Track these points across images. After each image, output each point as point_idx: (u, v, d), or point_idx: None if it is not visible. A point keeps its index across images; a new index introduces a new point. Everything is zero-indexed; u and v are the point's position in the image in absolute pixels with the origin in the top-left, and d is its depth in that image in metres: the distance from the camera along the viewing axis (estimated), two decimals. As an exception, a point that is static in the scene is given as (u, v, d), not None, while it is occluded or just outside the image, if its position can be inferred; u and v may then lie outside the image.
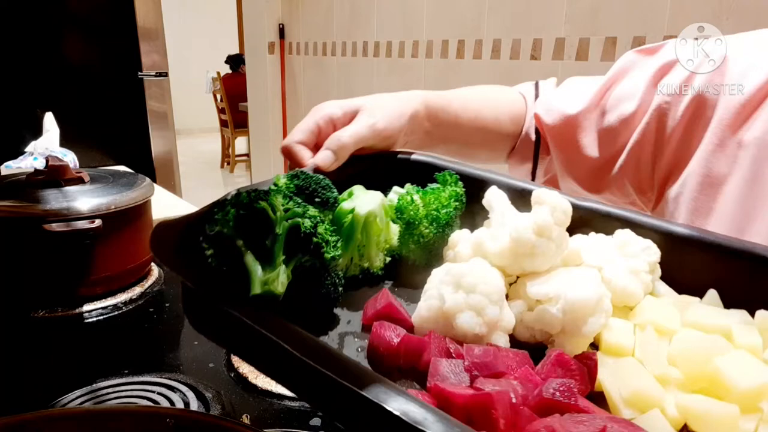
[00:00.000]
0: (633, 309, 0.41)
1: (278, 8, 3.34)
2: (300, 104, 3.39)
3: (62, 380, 0.63)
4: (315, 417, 0.58)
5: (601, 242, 0.45)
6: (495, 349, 0.35)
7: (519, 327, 0.39)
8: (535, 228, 0.40)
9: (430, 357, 0.35)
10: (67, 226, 0.78)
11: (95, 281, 0.83)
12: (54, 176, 0.86)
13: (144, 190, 0.89)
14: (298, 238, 0.38)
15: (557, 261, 0.42)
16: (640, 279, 0.41)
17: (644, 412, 0.33)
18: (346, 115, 0.58)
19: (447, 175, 0.51)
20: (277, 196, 0.38)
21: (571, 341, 0.37)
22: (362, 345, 0.39)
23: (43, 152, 1.39)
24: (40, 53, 2.48)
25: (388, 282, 0.48)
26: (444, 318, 0.38)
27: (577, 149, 0.71)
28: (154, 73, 2.75)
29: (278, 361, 0.30)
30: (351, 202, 0.47)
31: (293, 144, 0.56)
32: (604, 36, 1.76)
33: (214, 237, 0.35)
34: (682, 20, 1.55)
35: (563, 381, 0.31)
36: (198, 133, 7.77)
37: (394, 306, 0.40)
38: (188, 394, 0.60)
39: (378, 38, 2.69)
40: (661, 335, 0.38)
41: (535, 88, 0.78)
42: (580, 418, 0.29)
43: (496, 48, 2.11)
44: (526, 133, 0.76)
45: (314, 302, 0.41)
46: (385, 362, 0.36)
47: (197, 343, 0.72)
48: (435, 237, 0.48)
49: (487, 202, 0.46)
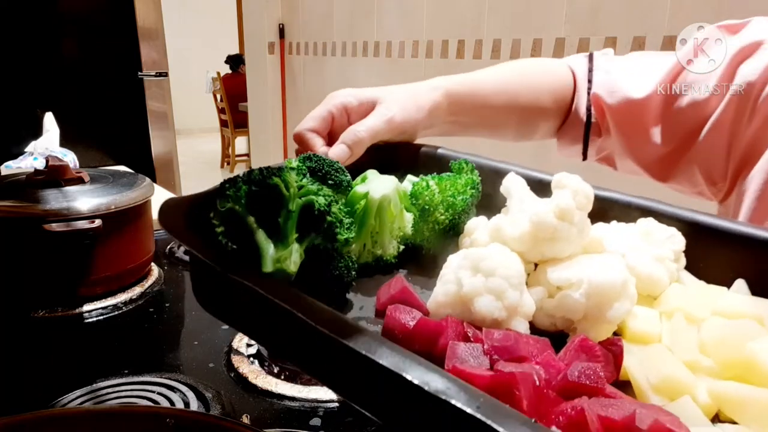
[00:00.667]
0: (657, 298, 0.40)
1: (278, 8, 3.34)
2: (300, 104, 3.39)
3: (62, 380, 0.62)
4: (315, 417, 0.58)
5: (623, 230, 0.43)
6: (515, 334, 0.34)
7: (539, 314, 0.38)
8: (556, 211, 0.38)
9: (447, 341, 0.33)
10: (67, 226, 0.78)
11: (95, 281, 0.83)
12: (54, 176, 0.86)
13: (144, 190, 0.89)
14: (312, 217, 0.37)
15: (578, 248, 0.40)
16: (665, 266, 0.40)
17: (674, 399, 0.32)
18: (362, 105, 0.56)
19: (463, 163, 0.50)
20: (290, 173, 0.37)
21: (595, 328, 0.36)
22: (376, 330, 0.38)
23: (43, 152, 1.39)
24: (40, 53, 2.48)
25: (402, 271, 0.47)
26: (462, 302, 0.36)
27: (644, 135, 0.66)
28: (154, 73, 2.75)
29: (293, 335, 0.29)
30: (365, 186, 0.46)
31: (305, 131, 0.55)
32: (604, 36, 1.76)
33: (225, 214, 0.34)
34: (682, 20, 1.55)
35: (589, 365, 0.30)
36: (198, 133, 7.77)
37: (408, 291, 0.39)
38: (188, 394, 0.60)
39: (378, 38, 2.69)
40: (690, 323, 0.36)
41: (588, 61, 0.72)
42: (607, 401, 0.28)
43: (496, 48, 2.11)
44: (575, 111, 0.71)
45: (327, 284, 0.40)
46: (400, 346, 0.35)
47: (197, 343, 0.72)
48: (450, 224, 0.47)
49: (505, 188, 0.45)
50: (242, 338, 0.71)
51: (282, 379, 0.63)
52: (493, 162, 0.53)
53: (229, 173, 6.03)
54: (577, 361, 0.32)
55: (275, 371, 0.65)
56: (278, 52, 3.40)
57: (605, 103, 0.68)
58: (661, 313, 0.38)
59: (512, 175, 0.45)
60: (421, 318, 0.35)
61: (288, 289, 0.30)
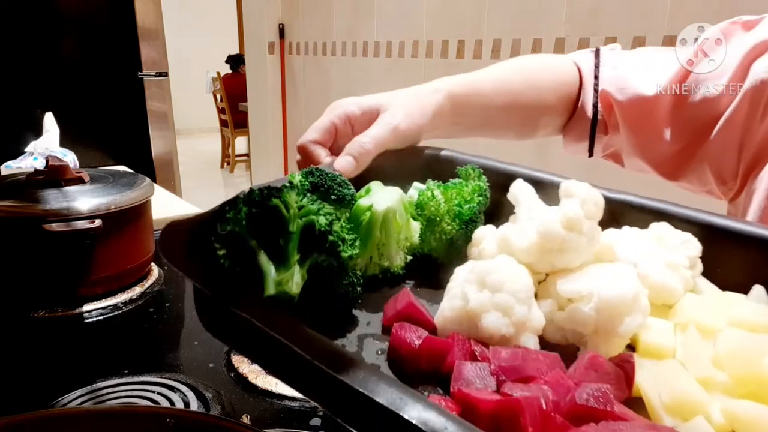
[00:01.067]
0: (672, 308, 0.39)
1: (278, 8, 3.34)
2: (300, 104, 3.39)
3: (62, 380, 0.62)
4: (315, 417, 0.58)
5: (636, 236, 0.42)
6: (524, 351, 0.33)
7: (549, 328, 0.37)
8: (564, 221, 0.37)
9: (453, 360, 0.33)
10: (67, 226, 0.78)
11: (95, 281, 0.83)
12: (54, 176, 0.86)
13: (144, 190, 0.89)
14: (313, 237, 0.36)
15: (589, 257, 0.39)
16: (679, 274, 0.38)
17: (687, 419, 0.30)
18: (365, 114, 0.56)
19: (470, 169, 0.49)
20: (290, 193, 0.36)
21: (606, 342, 0.35)
22: (382, 347, 0.37)
23: (43, 152, 1.39)
24: (40, 53, 2.48)
25: (409, 282, 0.47)
26: (468, 319, 0.36)
27: (654, 133, 0.65)
28: (154, 73, 2.75)
29: (293, 366, 0.29)
30: (368, 198, 0.45)
31: (308, 143, 0.55)
32: (604, 36, 1.76)
33: (226, 236, 0.34)
34: (682, 20, 1.55)
35: (598, 386, 0.29)
36: (198, 133, 7.77)
37: (415, 306, 0.38)
38: (188, 394, 0.60)
39: (378, 38, 2.69)
40: (705, 335, 0.35)
41: (594, 57, 0.71)
42: (617, 426, 0.27)
43: (496, 48, 2.11)
44: (581, 108, 0.70)
45: (332, 303, 0.39)
46: (406, 365, 0.35)
47: (197, 343, 0.72)
48: (458, 234, 0.46)
49: (512, 196, 0.44)
50: (242, 338, 0.71)
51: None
52: (501, 164, 0.52)
53: (229, 173, 6.03)
54: (587, 379, 0.31)
55: (275, 371, 0.65)
56: (278, 52, 3.41)
57: (614, 100, 0.67)
58: (676, 325, 0.37)
59: (520, 182, 0.44)
60: (427, 337, 0.35)
61: (286, 320, 0.30)
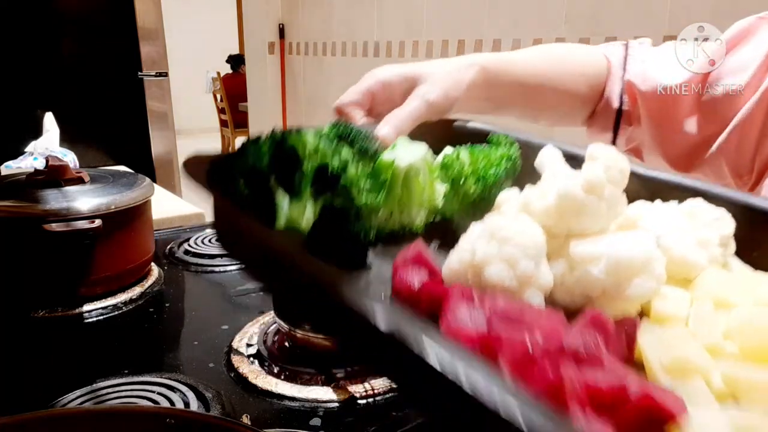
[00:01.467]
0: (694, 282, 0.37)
1: (278, 8, 3.34)
2: (300, 104, 3.39)
3: (62, 380, 0.62)
4: (315, 417, 0.58)
5: (666, 210, 0.40)
6: (525, 305, 0.32)
7: (559, 290, 0.36)
8: (584, 184, 0.36)
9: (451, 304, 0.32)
10: (67, 226, 0.78)
11: (95, 281, 0.83)
12: (54, 176, 0.86)
13: (144, 190, 0.89)
14: (326, 178, 0.38)
15: (609, 225, 0.38)
16: (707, 251, 0.37)
17: (686, 381, 0.29)
18: (402, 84, 0.56)
19: (502, 137, 0.48)
20: (308, 135, 0.38)
21: (612, 305, 0.34)
22: (389, 292, 0.37)
23: (43, 152, 1.39)
24: (40, 53, 2.48)
25: (429, 243, 0.45)
26: (474, 271, 0.35)
27: (675, 125, 0.65)
28: (154, 73, 2.75)
29: (303, 288, 0.30)
30: (392, 153, 0.45)
31: (346, 105, 0.55)
32: (604, 36, 1.76)
33: (246, 170, 0.37)
34: (682, 20, 1.55)
35: (590, 333, 0.28)
36: (198, 133, 7.76)
37: (423, 255, 0.37)
38: (188, 394, 0.60)
39: (378, 38, 2.69)
40: (720, 308, 0.34)
41: (624, 50, 0.71)
42: (601, 371, 0.26)
43: (496, 48, 2.11)
44: (606, 100, 0.70)
45: (342, 246, 0.40)
46: (405, 309, 0.34)
47: (197, 343, 0.72)
48: (480, 197, 0.45)
49: (539, 161, 0.43)
50: (242, 338, 0.71)
51: (282, 379, 0.63)
52: (537, 139, 0.50)
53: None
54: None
55: (275, 371, 0.65)
56: (278, 52, 3.41)
57: (639, 91, 0.67)
58: (694, 298, 0.36)
59: (549, 147, 0.43)
60: (428, 281, 0.34)
61: (294, 245, 0.32)
